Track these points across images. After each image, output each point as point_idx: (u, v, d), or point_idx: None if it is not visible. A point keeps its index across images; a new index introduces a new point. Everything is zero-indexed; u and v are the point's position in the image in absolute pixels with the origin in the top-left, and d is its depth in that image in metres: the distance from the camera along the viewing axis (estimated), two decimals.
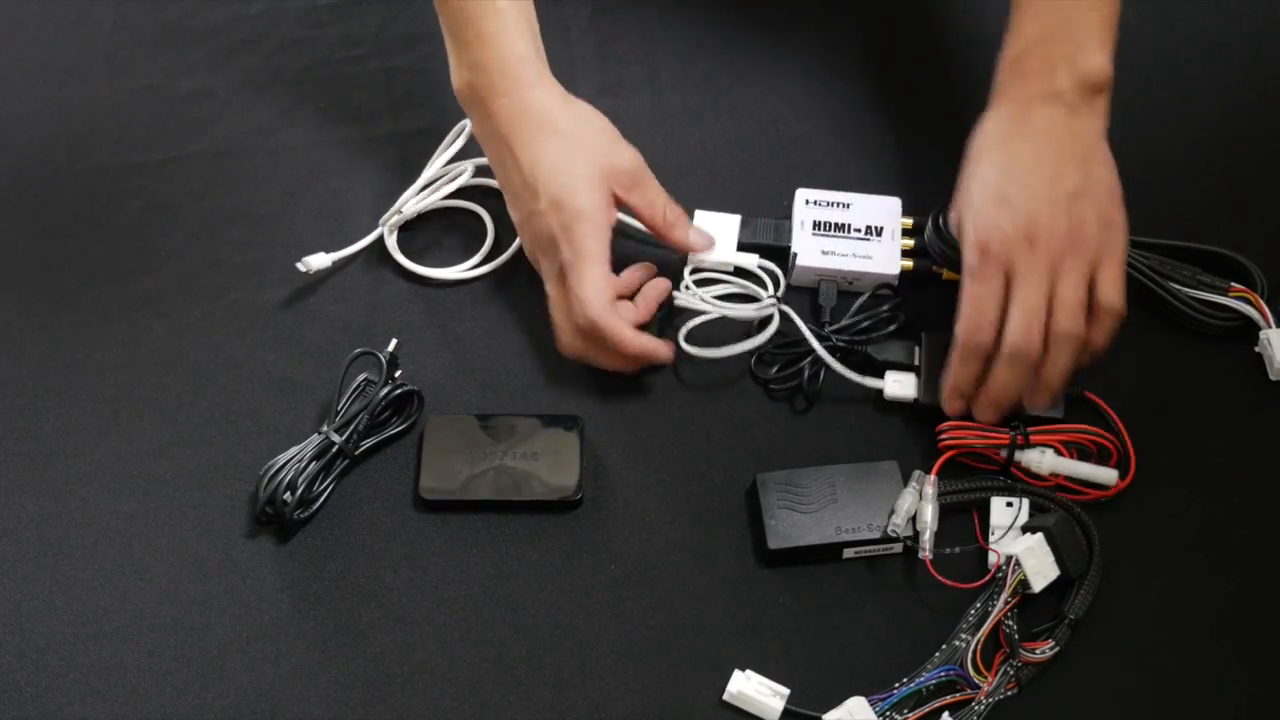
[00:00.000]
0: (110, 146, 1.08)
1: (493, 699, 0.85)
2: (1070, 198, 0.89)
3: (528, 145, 0.94)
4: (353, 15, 1.15)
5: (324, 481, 0.91)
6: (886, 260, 0.98)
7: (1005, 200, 0.89)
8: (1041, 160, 0.91)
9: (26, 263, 1.03)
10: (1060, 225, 0.88)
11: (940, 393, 0.92)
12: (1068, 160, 0.91)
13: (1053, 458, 0.91)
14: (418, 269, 1.00)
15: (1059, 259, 0.88)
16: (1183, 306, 0.97)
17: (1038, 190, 0.89)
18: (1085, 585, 0.87)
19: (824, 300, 0.98)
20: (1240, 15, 1.15)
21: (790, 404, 0.96)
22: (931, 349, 0.94)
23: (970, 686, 0.84)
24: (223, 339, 0.99)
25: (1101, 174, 0.91)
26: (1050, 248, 0.88)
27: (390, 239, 1.01)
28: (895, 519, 0.88)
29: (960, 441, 0.91)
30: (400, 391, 0.93)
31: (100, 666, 0.86)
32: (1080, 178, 0.90)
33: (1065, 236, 0.88)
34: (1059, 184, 0.89)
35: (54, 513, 0.92)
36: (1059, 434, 0.91)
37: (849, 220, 1.00)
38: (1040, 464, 0.91)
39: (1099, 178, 0.91)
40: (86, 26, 1.15)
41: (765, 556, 0.89)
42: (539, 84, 0.96)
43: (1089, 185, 0.90)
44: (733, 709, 0.85)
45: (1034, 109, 0.92)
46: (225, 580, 0.89)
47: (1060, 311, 0.88)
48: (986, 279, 0.89)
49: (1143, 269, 0.97)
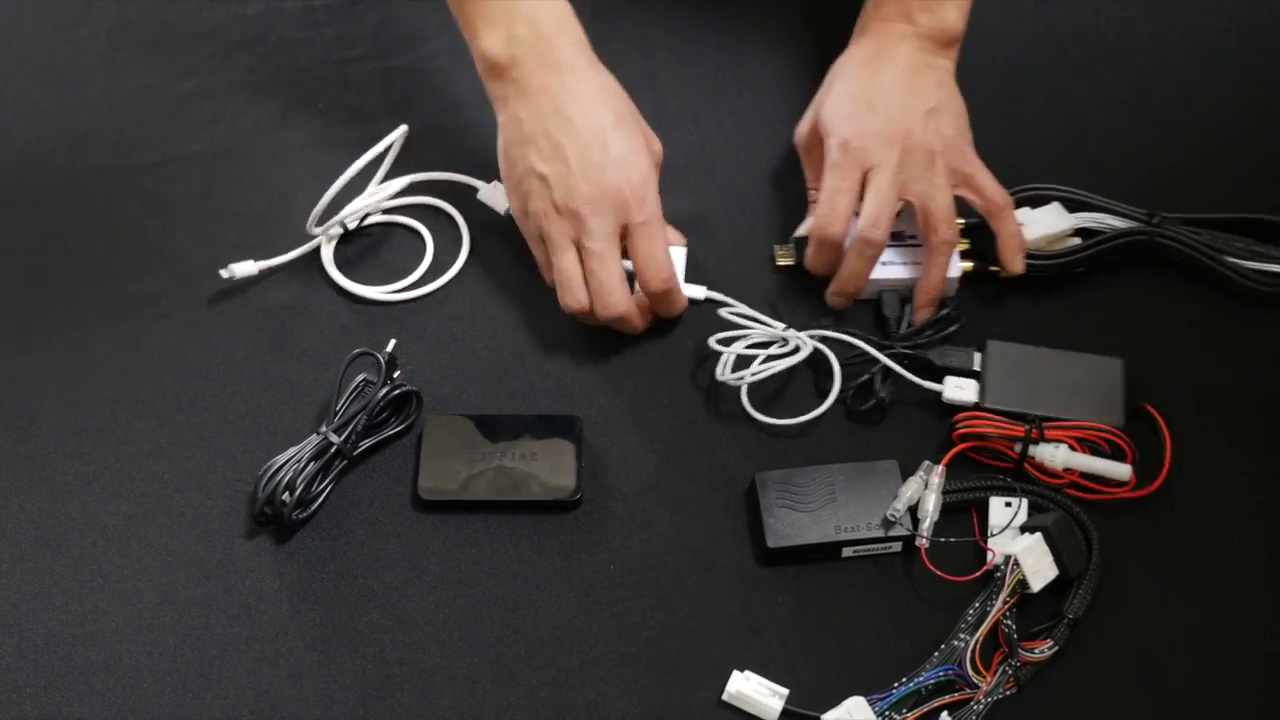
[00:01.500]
0: (110, 147, 1.08)
1: (492, 699, 0.85)
2: (929, 112, 0.96)
3: (591, 102, 0.95)
4: (350, 16, 1.15)
5: (323, 482, 0.91)
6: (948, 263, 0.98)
7: (870, 105, 0.97)
8: (902, 79, 0.98)
9: (26, 263, 1.03)
10: (920, 132, 0.96)
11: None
12: (926, 82, 0.98)
13: (1066, 453, 0.91)
14: (349, 285, 1.00)
15: (918, 163, 0.95)
16: (1239, 278, 0.98)
17: (900, 101, 0.97)
18: (1084, 585, 0.87)
19: (889, 311, 0.98)
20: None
21: (864, 416, 0.95)
22: (994, 355, 0.94)
23: (969, 686, 0.84)
24: (222, 339, 0.99)
25: (954, 101, 0.99)
26: (909, 148, 0.95)
27: (328, 248, 1.01)
28: (896, 504, 0.88)
29: (974, 430, 0.91)
30: (399, 392, 0.93)
31: (99, 666, 0.86)
32: (937, 98, 0.98)
33: (925, 144, 0.95)
34: (918, 99, 0.97)
35: (53, 513, 0.92)
36: (1074, 430, 0.91)
37: (903, 228, 0.99)
38: (1054, 458, 0.90)
39: (953, 103, 0.99)
40: (86, 27, 1.15)
41: (764, 555, 0.89)
42: (588, 51, 0.97)
43: (945, 105, 0.98)
44: (732, 709, 0.85)
45: (892, 43, 1.00)
46: (224, 580, 0.89)
47: (939, 222, 0.95)
48: (845, 173, 0.96)
49: (1197, 245, 0.98)
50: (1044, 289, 1.00)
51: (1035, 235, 0.98)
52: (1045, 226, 0.99)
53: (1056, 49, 1.13)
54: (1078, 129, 1.09)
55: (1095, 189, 1.01)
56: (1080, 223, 1.00)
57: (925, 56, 1.00)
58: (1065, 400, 0.93)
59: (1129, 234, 0.99)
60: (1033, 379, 0.94)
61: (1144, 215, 1.00)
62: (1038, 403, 0.93)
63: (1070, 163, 1.06)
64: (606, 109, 0.95)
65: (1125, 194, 1.01)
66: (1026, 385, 0.93)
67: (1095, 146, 1.08)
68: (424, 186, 1.05)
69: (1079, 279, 1.00)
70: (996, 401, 0.93)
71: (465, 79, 1.10)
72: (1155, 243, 0.99)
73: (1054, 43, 1.14)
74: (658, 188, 0.96)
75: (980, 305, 0.99)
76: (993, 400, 0.93)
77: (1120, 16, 1.15)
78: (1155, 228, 0.99)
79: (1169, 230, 0.99)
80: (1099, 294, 1.00)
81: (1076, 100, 1.10)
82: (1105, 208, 1.00)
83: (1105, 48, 1.13)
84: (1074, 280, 1.00)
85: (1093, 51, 1.13)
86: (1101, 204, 1.00)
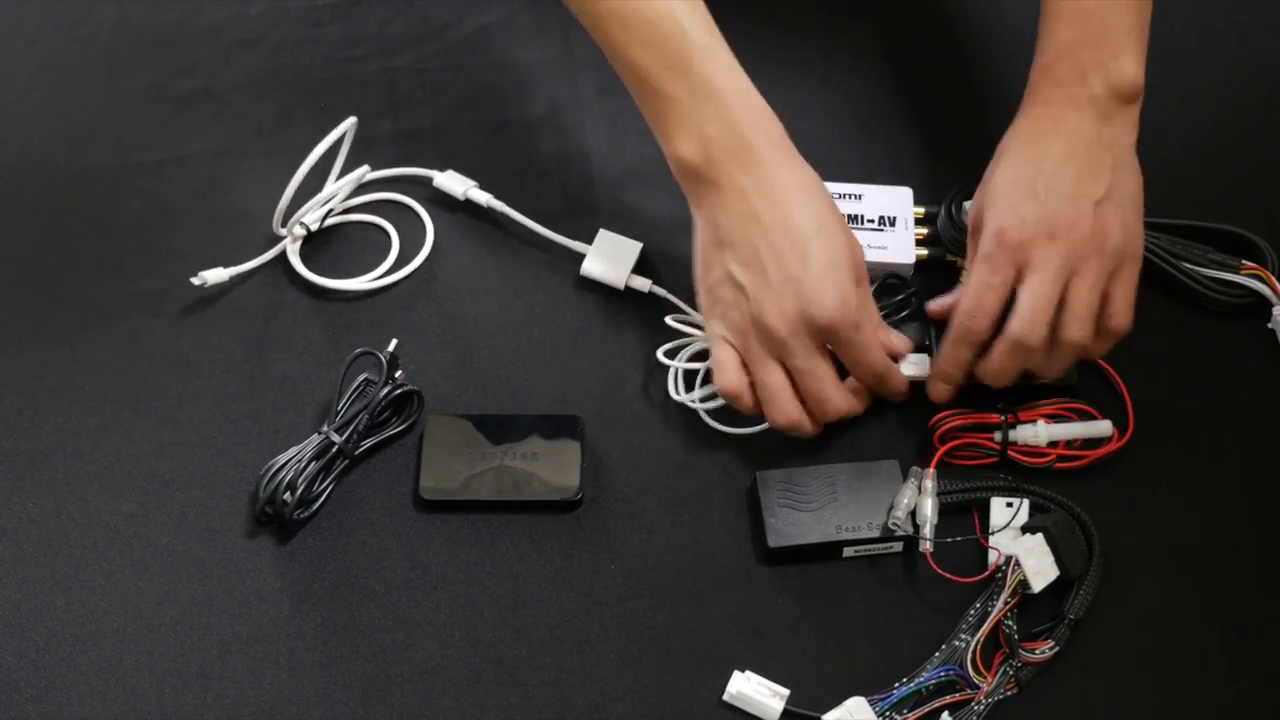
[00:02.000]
0: (110, 146, 1.08)
1: (493, 699, 0.85)
2: (1096, 202, 0.88)
3: (791, 205, 0.89)
4: (353, 15, 1.15)
5: (324, 481, 0.91)
6: (902, 249, 0.99)
7: (1032, 193, 0.89)
8: (1071, 159, 0.90)
9: (26, 263, 1.03)
10: (1083, 226, 0.88)
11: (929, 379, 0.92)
12: (1097, 164, 0.90)
13: (1046, 427, 0.91)
14: (320, 281, 1.00)
15: (1077, 259, 0.88)
16: (1195, 285, 0.98)
17: (1065, 188, 0.88)
18: (1085, 585, 0.87)
19: None
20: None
21: None
22: (945, 330, 0.94)
23: (970, 686, 0.84)
24: (223, 339, 0.99)
25: (1128, 184, 0.91)
26: (1070, 246, 0.87)
27: (293, 248, 1.01)
28: (895, 513, 0.88)
29: (953, 427, 0.91)
30: (400, 391, 0.93)
31: (100, 666, 0.86)
32: (1108, 183, 0.89)
33: (1086, 239, 0.87)
34: (1087, 186, 0.89)
35: (54, 513, 0.92)
36: (1041, 408, 0.92)
37: (862, 211, 1.00)
38: (1037, 436, 0.91)
39: (1126, 188, 0.90)
40: (86, 27, 1.15)
41: (765, 555, 0.89)
42: (787, 146, 0.91)
43: (1115, 192, 0.89)
44: (732, 709, 0.85)
45: (1066, 113, 0.91)
46: (225, 580, 0.89)
47: (1072, 319, 0.88)
48: (997, 267, 0.88)
49: (1155, 249, 0.98)
50: None
51: None
52: None
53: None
54: None
55: None
56: None
57: (1102, 128, 0.90)
58: None
59: None
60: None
61: None
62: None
63: None
64: (809, 212, 0.89)
65: None
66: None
67: None
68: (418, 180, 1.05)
69: None
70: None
71: (466, 79, 1.10)
72: None
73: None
74: (867, 291, 0.91)
75: (937, 291, 0.97)
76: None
77: None
78: None
79: None
80: None
81: None
82: None
83: None
84: None
85: None
86: None
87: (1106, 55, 0.91)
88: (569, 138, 1.09)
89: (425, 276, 1.02)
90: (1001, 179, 0.91)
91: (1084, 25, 0.92)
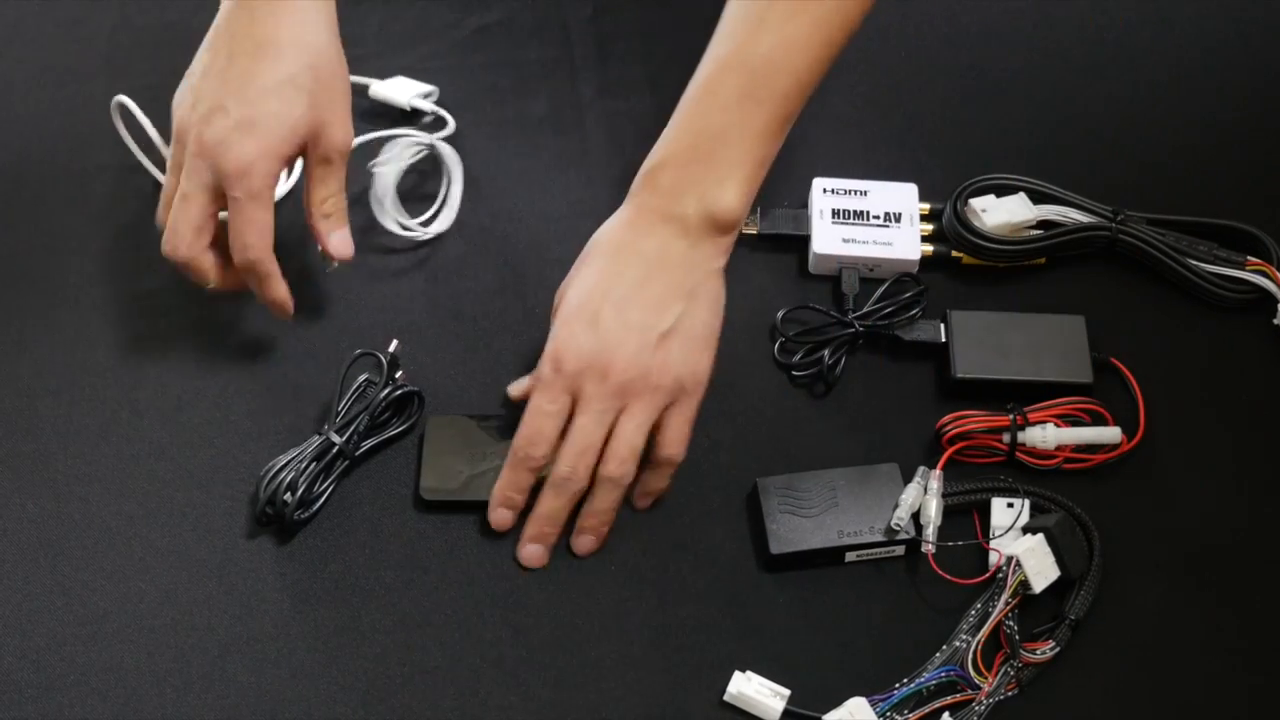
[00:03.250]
0: (110, 146, 1.08)
1: (493, 699, 0.85)
2: (661, 336, 0.87)
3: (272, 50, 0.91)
4: (353, 15, 1.15)
5: (324, 482, 0.91)
6: (907, 246, 0.99)
7: (594, 321, 0.88)
8: (646, 285, 0.89)
9: (26, 263, 1.03)
10: (639, 364, 0.87)
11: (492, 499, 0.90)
12: (672, 291, 0.89)
13: (1055, 430, 0.91)
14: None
15: (629, 396, 0.87)
16: (1200, 281, 0.98)
17: (630, 319, 0.88)
18: (1086, 586, 0.87)
19: (847, 288, 0.99)
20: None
21: (809, 390, 0.96)
22: (959, 325, 0.95)
23: (971, 687, 0.84)
24: (223, 339, 0.99)
25: (702, 314, 0.89)
26: (622, 385, 0.87)
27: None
28: (899, 513, 0.88)
29: (963, 429, 0.91)
30: (401, 392, 0.93)
31: (100, 667, 0.86)
32: (678, 313, 0.88)
33: (641, 377, 0.87)
34: (653, 317, 0.88)
35: (54, 513, 0.92)
36: (1053, 409, 0.92)
37: (867, 207, 1.00)
38: (1045, 439, 0.91)
39: (698, 318, 0.89)
40: (87, 27, 1.15)
41: (767, 561, 0.89)
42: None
43: (684, 324, 0.88)
44: (733, 709, 0.85)
45: (655, 227, 0.90)
46: (225, 581, 0.89)
47: (611, 457, 0.88)
48: (554, 396, 0.88)
49: (1160, 246, 0.98)
50: (1003, 281, 1.00)
51: (997, 221, 0.99)
52: (1008, 214, 1.00)
53: (1057, 47, 1.14)
54: (1071, 126, 1.09)
55: (1081, 189, 1.01)
56: (1044, 215, 1.01)
57: (687, 251, 0.89)
58: (1034, 361, 0.94)
59: (1090, 229, 1.00)
60: (999, 344, 0.95)
61: (1109, 212, 1.00)
62: (1007, 367, 0.94)
63: (1069, 162, 1.06)
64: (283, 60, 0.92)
65: (1106, 193, 1.02)
66: (994, 351, 0.95)
67: (1091, 146, 1.08)
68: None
69: (1039, 273, 1.01)
70: (967, 371, 0.94)
71: (467, 79, 1.10)
72: (1119, 240, 1.00)
73: (1054, 41, 1.14)
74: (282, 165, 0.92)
75: (938, 295, 0.99)
76: (963, 370, 0.94)
77: (1121, 18, 1.15)
78: (1118, 225, 1.00)
79: (1132, 228, 0.99)
80: (1058, 288, 1.00)
81: (1072, 100, 1.11)
82: (1071, 202, 1.01)
83: (1105, 47, 1.14)
84: (1034, 274, 1.01)
85: (1091, 50, 1.14)
86: (1067, 198, 1.01)
87: (710, 180, 0.90)
88: (569, 138, 1.09)
89: (426, 276, 1.02)
90: (574, 295, 0.90)
91: (696, 142, 0.91)
